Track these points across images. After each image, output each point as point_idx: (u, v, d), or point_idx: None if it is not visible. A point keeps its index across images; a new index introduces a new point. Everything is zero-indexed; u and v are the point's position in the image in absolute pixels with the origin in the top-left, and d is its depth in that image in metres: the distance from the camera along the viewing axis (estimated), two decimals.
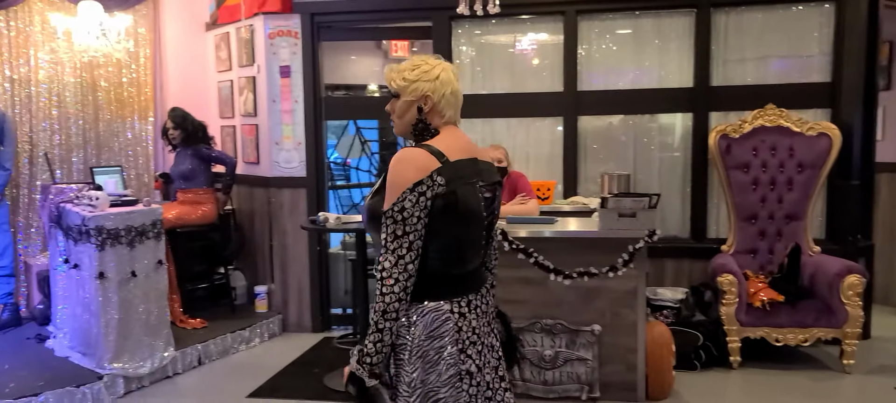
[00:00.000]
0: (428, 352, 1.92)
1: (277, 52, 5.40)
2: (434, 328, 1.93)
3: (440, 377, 1.93)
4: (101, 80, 5.90)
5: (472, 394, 1.97)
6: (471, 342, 1.98)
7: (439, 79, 2.00)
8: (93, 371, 4.28)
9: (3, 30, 5.43)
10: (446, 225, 1.92)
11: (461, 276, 2.01)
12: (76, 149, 5.82)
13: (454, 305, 1.97)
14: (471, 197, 1.97)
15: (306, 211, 5.50)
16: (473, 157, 2.03)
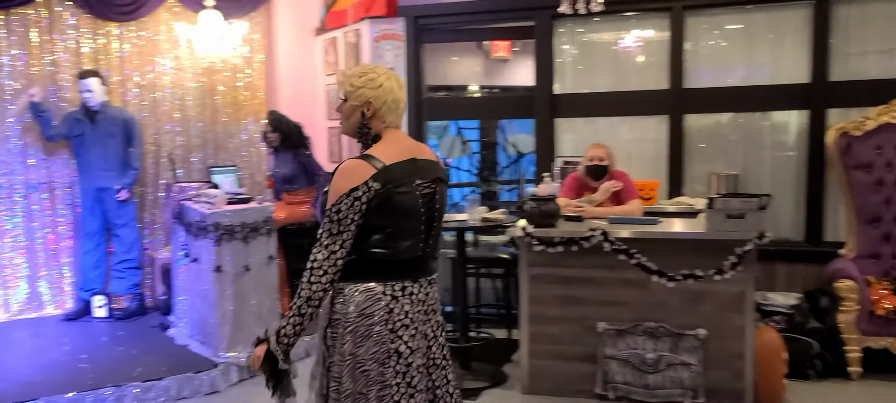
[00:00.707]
0: (358, 328, 2.15)
1: (382, 54, 5.55)
2: (365, 306, 2.16)
3: (368, 351, 2.15)
4: (219, 85, 6.26)
5: (398, 371, 2.17)
6: (403, 325, 2.19)
7: (382, 87, 2.21)
8: (209, 359, 4.54)
9: (134, 39, 5.86)
10: (382, 218, 2.15)
11: (396, 263, 2.20)
12: (196, 150, 6.20)
13: (387, 287, 2.18)
14: (406, 195, 2.18)
15: None
16: (412, 158, 2.22)
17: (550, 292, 4.05)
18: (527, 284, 4.09)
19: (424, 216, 2.24)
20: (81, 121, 5.41)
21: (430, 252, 2.31)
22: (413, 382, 2.20)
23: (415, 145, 2.31)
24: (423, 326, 2.26)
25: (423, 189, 2.23)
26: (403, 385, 2.18)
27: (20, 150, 5.53)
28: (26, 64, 5.48)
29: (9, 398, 3.91)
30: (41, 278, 5.68)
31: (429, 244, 2.29)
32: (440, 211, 2.31)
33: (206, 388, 4.37)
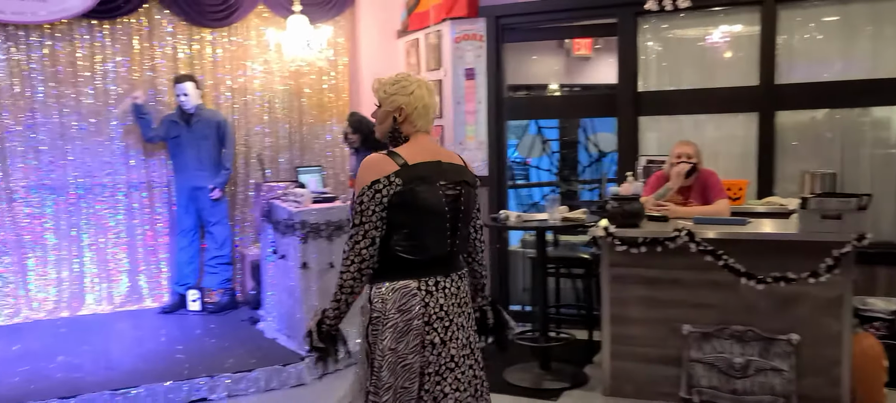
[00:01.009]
0: (398, 324, 2.27)
1: (463, 55, 5.59)
2: (402, 303, 2.28)
3: (408, 345, 2.27)
4: (305, 88, 6.45)
5: (432, 361, 2.31)
6: (438, 317, 2.32)
7: (413, 94, 2.35)
8: (296, 353, 4.69)
9: (226, 45, 6.12)
10: (407, 217, 2.28)
11: (426, 260, 2.33)
12: (283, 151, 6.42)
13: (421, 283, 2.30)
14: (429, 194, 2.30)
15: (487, 210, 5.63)
16: (437, 160, 2.36)
17: (633, 293, 3.98)
18: (609, 285, 4.03)
19: (449, 215, 2.35)
20: (178, 123, 5.69)
21: (458, 249, 2.43)
22: (442, 368, 2.33)
23: (441, 150, 2.44)
24: (458, 318, 2.39)
25: (447, 190, 2.35)
26: (434, 374, 2.32)
27: (122, 152, 5.86)
28: (128, 70, 5.81)
29: (114, 384, 4.15)
30: (141, 272, 6.01)
31: (456, 242, 2.41)
32: (466, 212, 2.42)
33: (293, 380, 4.51)
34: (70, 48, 5.62)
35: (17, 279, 5.61)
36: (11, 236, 5.56)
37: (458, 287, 2.41)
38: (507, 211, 4.57)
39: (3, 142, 5.49)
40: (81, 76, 5.67)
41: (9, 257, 5.57)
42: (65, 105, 5.64)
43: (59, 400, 3.96)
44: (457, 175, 2.40)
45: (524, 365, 4.69)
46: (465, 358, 2.40)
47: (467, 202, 2.42)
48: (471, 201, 2.46)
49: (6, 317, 5.55)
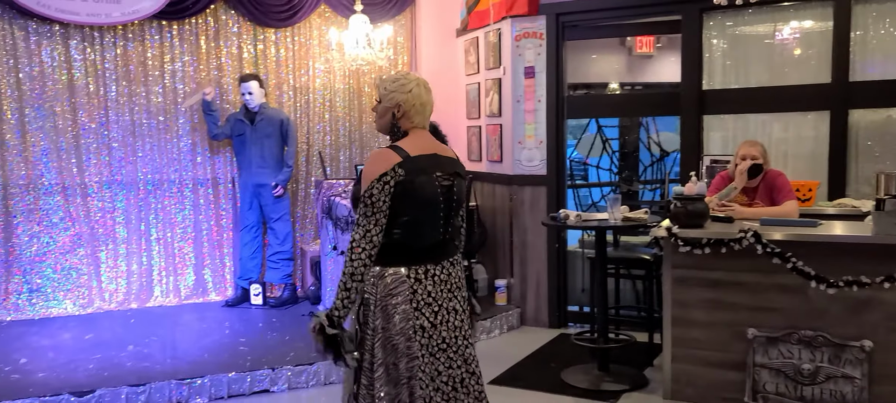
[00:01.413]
0: (386, 307, 2.44)
1: (523, 53, 5.56)
2: (392, 287, 2.45)
3: (395, 326, 2.44)
4: (365, 86, 6.53)
5: (422, 344, 2.46)
6: (426, 303, 2.48)
7: (411, 92, 2.52)
8: None
9: (289, 45, 6.24)
10: (406, 207, 2.43)
11: (419, 249, 2.49)
12: (343, 149, 6.51)
13: (411, 271, 2.47)
14: (427, 184, 2.47)
15: (546, 209, 5.59)
16: (435, 153, 2.54)
17: (696, 295, 3.90)
18: (671, 286, 3.96)
19: (443, 205, 2.53)
20: (242, 121, 5.83)
21: (449, 237, 2.58)
22: (435, 349, 2.49)
23: (437, 144, 2.63)
24: (449, 302, 2.55)
25: (443, 181, 2.53)
26: (427, 356, 2.48)
27: (189, 149, 6.04)
28: (196, 69, 5.99)
29: (180, 374, 4.29)
30: (206, 267, 6.18)
31: (448, 230, 2.57)
32: (458, 201, 2.60)
33: None
34: (141, 48, 5.83)
35: (90, 271, 5.84)
36: (85, 229, 5.80)
37: (449, 274, 2.57)
38: (566, 211, 4.53)
39: (78, 139, 5.72)
40: (151, 75, 5.87)
41: (83, 249, 5.80)
42: (135, 103, 5.84)
43: (129, 388, 4.11)
44: (451, 167, 2.58)
45: (582, 367, 4.65)
46: (458, 339, 2.56)
47: (458, 192, 2.60)
48: (462, 192, 2.63)
49: (80, 307, 5.78)
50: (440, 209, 2.51)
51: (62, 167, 5.68)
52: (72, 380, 4.20)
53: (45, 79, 5.58)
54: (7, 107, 5.48)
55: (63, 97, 5.64)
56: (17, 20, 5.46)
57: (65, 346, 4.89)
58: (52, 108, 5.62)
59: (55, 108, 5.62)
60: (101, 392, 4.05)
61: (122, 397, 4.08)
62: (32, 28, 5.51)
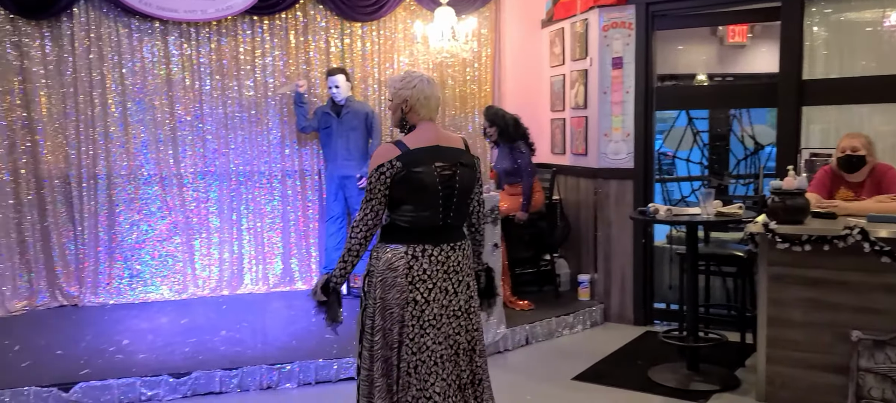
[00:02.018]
0: (386, 278, 2.75)
1: (610, 43, 5.45)
2: (391, 262, 2.75)
3: (393, 297, 2.75)
4: (448, 79, 6.55)
5: (415, 316, 2.74)
6: (421, 279, 2.74)
7: (415, 88, 2.77)
8: None
9: (375, 38, 6.32)
10: (406, 193, 2.71)
11: (419, 230, 2.75)
12: None
13: (409, 249, 2.74)
14: (425, 174, 2.69)
15: (632, 203, 5.47)
16: (436, 145, 2.75)
17: (794, 294, 3.72)
18: (767, 285, 3.79)
19: (442, 192, 2.74)
20: (329, 114, 5.95)
21: (452, 223, 2.81)
22: (425, 324, 2.74)
23: (443, 135, 2.83)
24: (443, 282, 2.78)
25: (443, 170, 2.73)
26: (417, 326, 2.74)
27: (279, 141, 6.21)
28: (285, 63, 6.15)
29: (270, 359, 4.42)
30: (293, 256, 6.34)
31: (449, 216, 2.79)
32: (460, 189, 2.79)
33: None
34: (234, 43, 6.03)
35: (184, 258, 6.09)
36: (181, 219, 6.05)
37: (448, 256, 2.80)
38: (656, 205, 4.42)
39: (175, 131, 5.97)
40: (243, 69, 6.06)
41: (178, 238, 6.05)
42: (228, 97, 6.05)
43: (223, 371, 4.27)
44: (453, 157, 2.78)
45: (670, 365, 4.53)
46: (451, 318, 2.79)
47: (463, 180, 2.79)
48: (467, 179, 2.82)
49: (175, 293, 6.04)
50: (439, 196, 2.74)
51: (160, 158, 5.94)
52: (169, 362, 4.40)
53: (145, 74, 5.85)
54: (111, 100, 5.78)
55: (162, 91, 5.90)
56: (122, 18, 5.74)
57: (162, 329, 5.12)
58: (152, 102, 5.88)
59: (154, 102, 5.89)
60: (196, 375, 4.22)
61: (216, 379, 4.24)
62: (135, 25, 5.78)
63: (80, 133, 5.73)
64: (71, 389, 4.02)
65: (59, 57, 5.66)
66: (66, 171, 5.76)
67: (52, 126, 5.70)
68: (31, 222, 5.71)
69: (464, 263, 2.85)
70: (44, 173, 5.71)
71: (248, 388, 4.27)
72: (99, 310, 5.67)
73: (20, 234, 5.70)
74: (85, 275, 5.85)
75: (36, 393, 3.97)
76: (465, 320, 2.85)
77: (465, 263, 2.86)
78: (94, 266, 5.85)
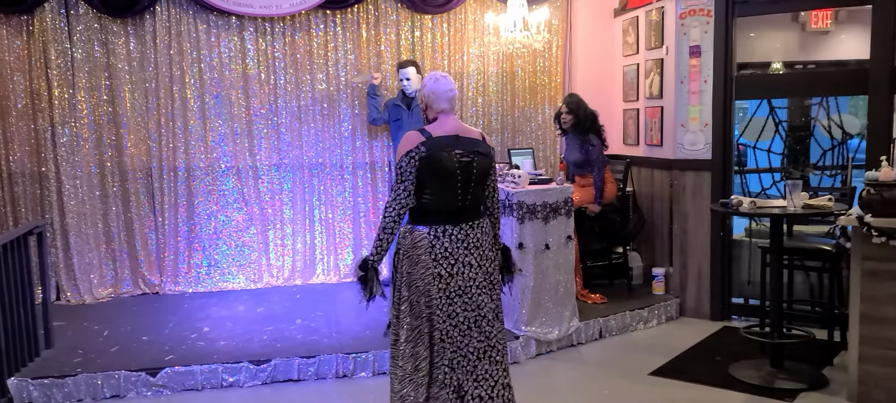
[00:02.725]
0: (412, 256, 3.08)
1: (688, 31, 5.30)
2: (417, 241, 3.07)
3: (417, 272, 3.06)
4: (518, 69, 6.50)
5: (440, 289, 3.05)
6: (443, 256, 3.05)
7: (426, 87, 3.16)
8: (510, 331, 4.75)
9: (446, 30, 6.32)
10: (429, 177, 3.03)
11: (439, 212, 3.07)
12: (495, 133, 6.52)
13: (432, 229, 3.06)
14: (446, 159, 3.01)
15: (710, 195, 5.33)
16: (455, 135, 3.08)
17: (890, 290, 3.56)
18: (860, 280, 3.64)
19: (461, 177, 3.06)
20: (399, 107, 5.97)
21: (470, 204, 3.12)
22: (452, 294, 3.06)
23: (461, 127, 3.17)
24: (465, 258, 3.09)
25: (462, 157, 3.06)
26: (444, 297, 3.06)
27: (350, 134, 6.28)
28: (357, 57, 6.21)
29: (345, 348, 4.49)
30: (363, 247, 6.41)
31: (467, 198, 3.11)
32: (477, 175, 3.11)
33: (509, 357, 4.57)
34: (307, 37, 6.11)
35: (260, 248, 6.23)
36: (256, 210, 6.19)
37: (467, 234, 3.11)
38: (738, 197, 4.29)
39: (250, 124, 6.10)
40: (316, 63, 6.14)
41: (254, 228, 6.20)
42: (302, 90, 6.15)
43: (300, 359, 4.35)
44: (471, 146, 3.11)
45: (752, 362, 4.40)
46: (476, 288, 3.10)
47: (479, 167, 3.11)
48: (483, 166, 3.14)
49: (251, 282, 6.19)
50: (458, 180, 3.06)
51: (236, 151, 6.09)
52: (249, 349, 4.51)
53: (223, 69, 5.99)
54: (190, 95, 5.94)
55: (238, 85, 6.04)
56: (201, 15, 5.90)
57: (240, 317, 5.25)
58: (229, 96, 6.03)
59: (231, 96, 6.03)
60: (275, 362, 4.32)
61: (294, 367, 4.33)
62: (213, 21, 5.93)
63: (161, 127, 5.92)
64: (158, 374, 4.17)
65: (142, 53, 5.85)
66: (148, 164, 5.97)
67: (135, 120, 5.90)
68: (116, 213, 5.94)
69: (483, 239, 3.16)
70: (127, 166, 5.92)
71: (324, 376, 4.35)
72: (179, 298, 5.86)
73: (106, 225, 5.93)
74: (165, 264, 6.05)
75: (126, 377, 4.13)
76: (488, 290, 3.16)
77: (485, 239, 3.17)
78: (173, 255, 6.04)
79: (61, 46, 5.66)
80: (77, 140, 5.76)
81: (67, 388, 4.06)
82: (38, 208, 5.80)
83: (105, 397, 4.10)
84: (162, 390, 4.16)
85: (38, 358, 4.38)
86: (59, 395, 4.05)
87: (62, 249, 5.79)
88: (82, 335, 4.88)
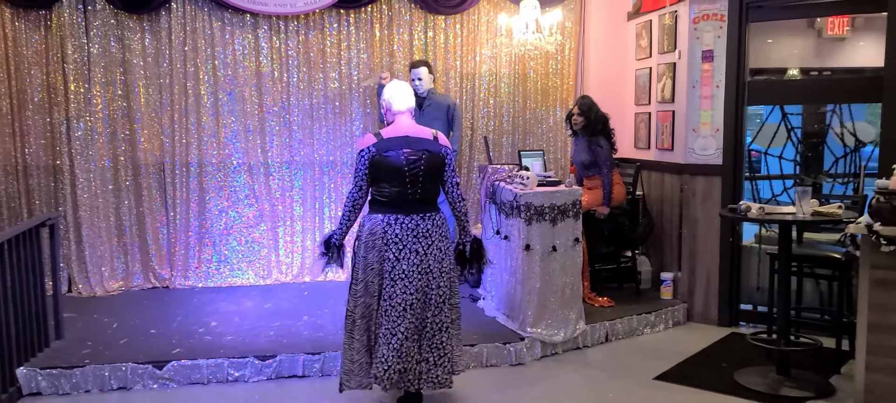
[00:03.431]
0: (368, 241, 3.55)
1: (701, 36, 5.28)
2: (371, 228, 3.55)
3: (372, 255, 3.54)
4: (530, 71, 6.50)
5: (388, 271, 3.52)
6: (394, 242, 3.51)
7: (386, 92, 3.67)
8: (515, 332, 4.76)
9: (458, 31, 6.34)
10: (382, 173, 3.50)
11: (392, 203, 3.53)
12: (507, 134, 6.53)
13: (386, 218, 3.53)
14: (393, 158, 3.47)
15: (720, 201, 5.30)
16: (405, 135, 3.53)
17: None
18: (868, 289, 3.60)
19: (408, 173, 3.49)
20: None
21: (420, 197, 3.54)
22: (396, 277, 3.51)
23: (414, 128, 3.60)
24: (413, 244, 3.53)
25: (410, 155, 3.49)
26: (389, 279, 3.52)
27: (361, 132, 6.30)
28: (369, 56, 6.23)
29: None
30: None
31: (418, 192, 3.53)
32: (425, 171, 3.52)
33: (512, 359, 4.59)
34: (321, 36, 6.15)
35: (269, 245, 6.27)
36: (267, 206, 6.23)
37: (417, 224, 3.54)
38: (747, 202, 4.26)
39: (263, 121, 6.15)
40: (329, 61, 6.18)
41: (264, 225, 6.24)
42: (314, 88, 6.18)
43: (306, 355, 4.37)
44: (420, 145, 3.53)
45: (758, 369, 4.38)
46: (418, 274, 3.53)
47: (428, 164, 3.52)
48: (432, 163, 3.55)
49: (260, 278, 6.23)
50: (406, 176, 3.48)
51: (248, 148, 6.14)
52: (255, 344, 4.54)
53: (236, 66, 6.04)
54: (204, 91, 6.00)
55: (251, 82, 6.08)
56: (216, 12, 5.95)
57: (248, 313, 5.29)
58: (242, 93, 6.07)
59: (244, 93, 6.08)
60: (281, 357, 4.34)
61: (299, 363, 4.35)
62: (227, 19, 5.99)
63: (175, 122, 5.98)
64: (164, 367, 4.21)
65: (157, 49, 5.91)
66: (160, 159, 6.03)
67: (149, 115, 5.97)
68: (128, 207, 6.00)
69: (433, 231, 3.58)
70: (140, 160, 5.99)
71: (329, 373, 4.36)
72: (188, 292, 5.91)
73: (118, 218, 6.00)
74: (176, 259, 6.10)
75: (132, 369, 4.17)
76: (438, 277, 3.57)
77: (435, 231, 3.58)
78: (184, 250, 6.10)
79: (78, 41, 5.73)
80: (91, 134, 5.83)
81: (75, 379, 4.11)
82: (53, 201, 5.88)
83: (112, 388, 4.14)
84: (168, 383, 4.20)
85: (47, 349, 4.44)
86: (67, 385, 4.10)
87: (75, 242, 5.86)
88: (92, 327, 4.94)
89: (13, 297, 4.00)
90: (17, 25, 5.71)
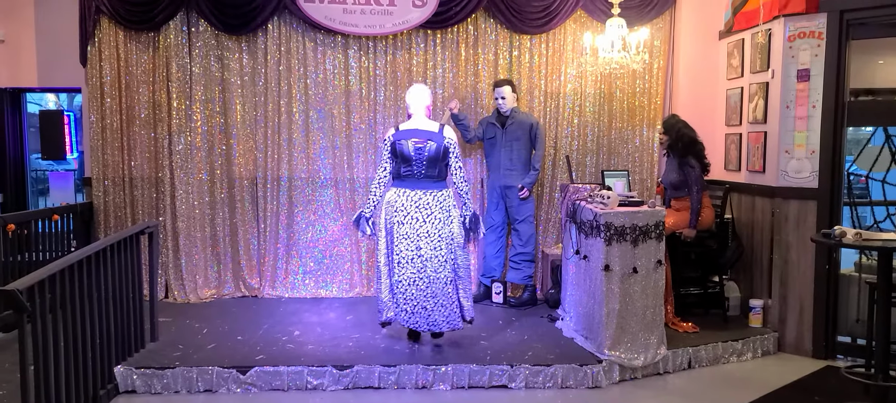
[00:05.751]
0: (387, 209, 4.74)
1: (796, 55, 5.06)
2: (388, 198, 4.73)
3: (388, 218, 4.72)
4: (617, 90, 6.41)
5: (398, 231, 4.66)
6: (400, 211, 4.66)
7: (407, 96, 4.88)
8: (593, 355, 4.67)
9: (543, 50, 6.33)
10: (398, 158, 4.67)
11: (404, 180, 4.70)
12: (590, 154, 6.45)
13: (399, 191, 4.70)
14: (404, 145, 4.64)
15: (815, 226, 5.04)
16: (415, 127, 4.68)
17: None
18: None
19: (415, 157, 4.64)
20: (494, 125, 6.03)
21: (425, 175, 4.68)
22: (400, 238, 4.65)
23: (423, 122, 4.72)
24: (415, 213, 4.65)
25: (418, 143, 4.64)
26: (395, 238, 4.68)
27: None
28: (455, 75, 6.31)
29: (426, 360, 4.57)
30: None
31: (422, 172, 4.67)
32: (429, 156, 4.65)
33: (589, 382, 4.51)
34: (408, 55, 6.29)
35: (353, 259, 6.42)
36: (351, 221, 6.37)
37: (420, 197, 4.67)
38: (842, 228, 4.04)
39: (350, 138, 6.33)
40: (415, 80, 6.29)
41: (348, 239, 6.40)
42: (400, 107, 6.31)
43: (382, 368, 4.45)
44: (426, 135, 4.66)
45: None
46: (417, 237, 4.64)
47: (430, 150, 4.63)
48: (434, 149, 4.64)
49: (343, 291, 6.39)
50: (412, 159, 4.64)
51: (335, 164, 6.33)
52: (334, 354, 4.66)
53: (327, 84, 6.26)
54: (296, 109, 6.24)
55: (340, 100, 6.28)
56: (309, 33, 6.20)
57: (330, 324, 5.43)
58: (331, 111, 6.28)
59: (333, 111, 6.28)
60: (357, 368, 4.44)
61: (375, 375, 4.43)
62: (320, 39, 6.22)
63: (268, 138, 6.25)
64: (247, 372, 4.38)
65: (253, 68, 6.21)
66: (253, 173, 6.31)
67: (245, 131, 6.26)
68: (223, 218, 6.30)
69: (433, 205, 4.67)
70: (235, 174, 6.28)
71: (404, 386, 4.42)
72: (275, 302, 6.13)
73: (213, 229, 6.30)
74: (265, 270, 6.35)
75: (218, 373, 4.37)
76: (437, 240, 4.65)
77: (436, 205, 4.67)
78: (273, 261, 6.34)
79: (182, 61, 6.10)
80: (191, 148, 6.16)
81: (166, 380, 4.34)
82: (154, 211, 6.25)
83: (199, 390, 4.34)
84: (250, 387, 4.36)
85: (143, 350, 4.71)
86: (158, 385, 4.33)
87: (172, 250, 6.20)
88: (184, 331, 5.20)
89: (114, 299, 4.27)
90: (128, 46, 6.14)
